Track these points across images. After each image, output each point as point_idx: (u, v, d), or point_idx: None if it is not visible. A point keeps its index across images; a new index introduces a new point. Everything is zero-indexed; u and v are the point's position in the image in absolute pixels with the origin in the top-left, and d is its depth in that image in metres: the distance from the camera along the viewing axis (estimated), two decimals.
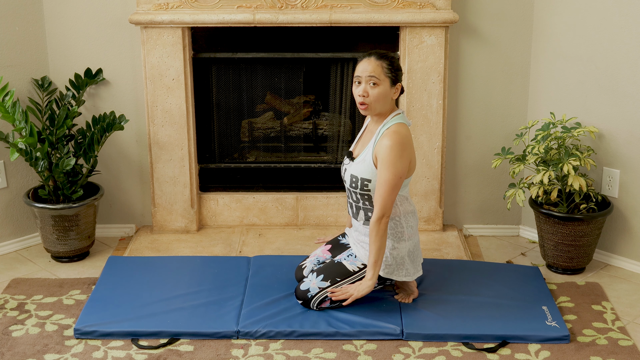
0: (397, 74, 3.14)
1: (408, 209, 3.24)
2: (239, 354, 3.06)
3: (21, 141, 3.64)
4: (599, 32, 3.67)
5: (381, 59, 3.11)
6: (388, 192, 3.07)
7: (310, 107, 4.28)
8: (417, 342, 3.13)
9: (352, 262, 3.24)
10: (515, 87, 4.00)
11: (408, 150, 3.11)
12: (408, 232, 3.23)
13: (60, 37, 3.96)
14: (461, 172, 4.15)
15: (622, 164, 3.74)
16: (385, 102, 3.14)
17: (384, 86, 3.11)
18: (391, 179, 3.07)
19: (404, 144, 3.10)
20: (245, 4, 3.80)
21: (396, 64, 3.14)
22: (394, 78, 3.13)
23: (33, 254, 4.02)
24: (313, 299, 3.24)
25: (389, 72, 3.11)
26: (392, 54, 3.17)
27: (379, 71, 3.10)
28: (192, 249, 3.98)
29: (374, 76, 3.09)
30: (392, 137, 3.08)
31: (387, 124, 3.15)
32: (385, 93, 3.12)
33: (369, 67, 3.10)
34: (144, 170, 4.16)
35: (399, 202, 3.20)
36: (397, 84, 3.14)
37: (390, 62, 3.12)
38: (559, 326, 3.18)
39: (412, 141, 3.19)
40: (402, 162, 3.08)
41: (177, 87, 3.93)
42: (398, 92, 3.16)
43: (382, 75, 3.10)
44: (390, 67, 3.11)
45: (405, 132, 3.13)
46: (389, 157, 3.07)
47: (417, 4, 3.78)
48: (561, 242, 3.68)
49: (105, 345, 3.12)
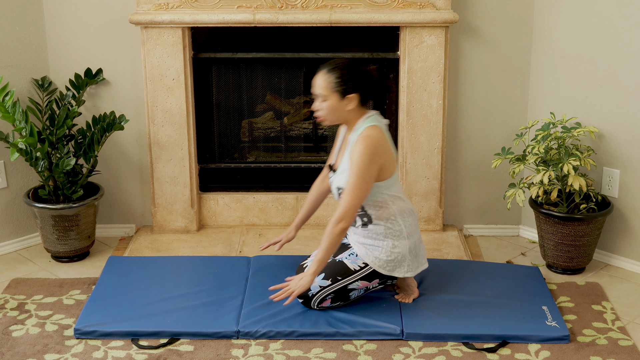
0: (349, 85, 3.07)
1: (403, 207, 3.23)
2: (239, 354, 3.06)
3: (21, 141, 3.64)
4: (599, 32, 3.67)
5: (330, 73, 3.08)
6: (353, 196, 3.05)
7: (310, 107, 4.27)
8: (417, 342, 3.13)
9: (353, 260, 3.24)
10: (515, 87, 4.00)
11: (379, 154, 3.08)
12: (407, 230, 3.23)
13: (60, 37, 3.96)
14: (461, 172, 4.15)
15: (622, 164, 3.74)
16: (339, 114, 3.12)
17: (332, 100, 3.09)
18: (358, 184, 3.05)
19: (375, 148, 3.06)
20: (245, 4, 3.80)
21: (348, 75, 3.07)
22: (345, 90, 3.08)
23: (33, 254, 4.02)
24: (314, 298, 3.24)
25: (338, 85, 3.07)
26: (344, 64, 3.09)
27: (324, 86, 3.08)
28: (192, 249, 3.98)
29: (321, 92, 3.10)
30: (363, 142, 3.06)
31: (358, 129, 3.13)
32: (334, 107, 3.10)
33: (316, 82, 3.11)
34: (144, 170, 4.16)
35: (391, 202, 3.19)
36: (349, 95, 3.09)
37: (340, 74, 3.07)
38: (559, 326, 3.18)
39: (386, 141, 3.14)
40: (371, 168, 3.06)
41: (177, 87, 3.93)
42: (353, 102, 3.09)
43: (328, 90, 3.08)
44: (339, 79, 3.06)
45: (376, 134, 3.09)
46: (358, 163, 3.05)
47: (417, 4, 3.78)
48: (561, 242, 3.68)
49: (106, 345, 3.12)
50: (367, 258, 3.22)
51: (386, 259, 3.21)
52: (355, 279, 3.23)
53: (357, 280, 3.23)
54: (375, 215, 3.19)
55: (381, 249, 3.21)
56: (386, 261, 3.21)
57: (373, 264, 3.21)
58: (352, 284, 3.24)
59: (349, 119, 3.15)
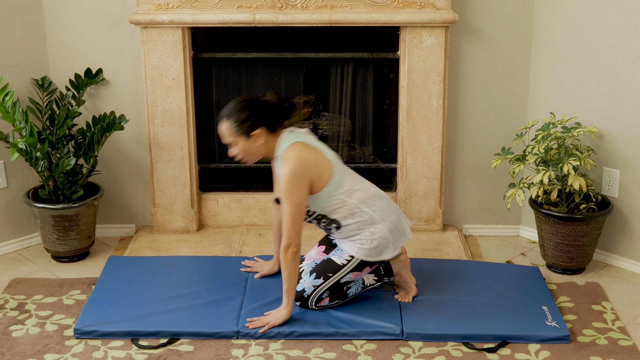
0: (249, 125, 3.09)
1: (363, 195, 3.21)
2: (239, 354, 3.06)
3: (21, 141, 3.64)
4: (599, 32, 3.67)
5: (228, 120, 3.11)
6: (291, 222, 3.07)
7: (310, 107, 4.27)
8: (417, 342, 3.13)
9: (340, 255, 3.25)
10: (515, 87, 4.00)
11: (304, 171, 3.07)
12: (378, 214, 3.21)
13: (60, 37, 3.96)
14: (461, 172, 4.15)
15: (622, 164, 3.74)
16: (255, 151, 3.15)
17: (242, 143, 3.13)
18: (291, 209, 3.07)
19: (297, 169, 3.06)
20: (245, 4, 3.80)
21: (244, 116, 3.09)
22: (247, 131, 3.10)
23: (33, 254, 4.02)
24: (310, 298, 3.25)
25: (238, 129, 3.10)
26: (239, 107, 3.10)
27: (228, 133, 3.13)
28: (192, 249, 3.98)
29: (228, 140, 3.14)
30: (285, 168, 3.08)
31: (279, 156, 3.14)
32: (246, 147, 3.13)
33: (221, 133, 3.16)
34: (144, 170, 4.16)
35: (347, 197, 3.17)
36: (254, 132, 3.10)
37: (237, 118, 3.10)
38: (559, 326, 3.18)
39: (310, 151, 3.12)
40: (298, 190, 3.06)
41: (177, 87, 3.93)
42: (261, 136, 3.11)
43: (233, 136, 3.12)
44: (237, 123, 3.09)
45: (295, 152, 3.09)
46: (285, 189, 3.07)
47: (417, 4, 3.78)
48: (561, 242, 3.68)
49: (105, 345, 3.12)
50: (351, 251, 3.23)
51: (369, 247, 3.21)
52: (346, 272, 3.23)
53: (348, 272, 3.24)
54: (341, 217, 3.20)
55: (362, 240, 3.21)
56: (370, 249, 3.21)
57: (358, 255, 3.21)
58: (343, 278, 3.24)
59: (267, 151, 3.18)
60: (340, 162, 3.26)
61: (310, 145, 3.16)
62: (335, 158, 3.22)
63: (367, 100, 4.16)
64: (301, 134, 3.20)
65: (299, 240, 3.10)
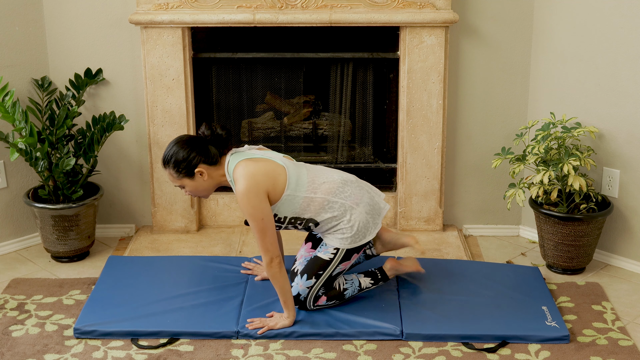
0: (187, 166, 3.09)
1: (330, 187, 3.18)
2: (239, 354, 3.06)
3: (21, 141, 3.64)
4: (599, 32, 3.67)
5: (167, 167, 3.13)
6: (261, 237, 3.07)
7: (310, 107, 4.27)
8: (417, 342, 3.13)
9: (325, 251, 3.23)
10: (515, 87, 4.00)
11: (257, 186, 3.05)
12: (350, 200, 3.19)
13: (60, 37, 3.96)
14: (461, 172, 4.15)
15: (622, 164, 3.74)
16: (205, 187, 3.15)
17: (189, 184, 3.14)
18: (257, 226, 3.06)
19: (248, 186, 3.04)
20: (245, 4, 3.80)
21: (179, 160, 3.08)
22: (187, 172, 3.10)
23: (33, 254, 4.02)
24: (306, 301, 3.24)
25: (179, 173, 3.11)
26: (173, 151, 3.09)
27: (173, 179, 3.15)
28: (192, 249, 3.98)
29: (176, 184, 3.16)
30: (237, 189, 3.07)
31: (232, 182, 3.14)
32: (195, 186, 3.15)
33: (169, 178, 3.18)
34: (144, 170, 4.16)
35: (312, 193, 3.15)
36: (195, 171, 3.10)
37: (174, 163, 3.10)
38: (559, 326, 3.18)
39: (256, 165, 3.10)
40: (257, 206, 3.05)
41: (177, 87, 3.93)
42: (205, 172, 3.10)
43: (178, 180, 3.14)
44: (175, 168, 3.10)
45: (243, 171, 3.07)
46: (244, 208, 3.06)
47: (417, 4, 3.78)
48: (561, 242, 3.68)
49: (105, 345, 3.12)
50: (334, 243, 3.21)
51: (350, 235, 3.19)
52: (335, 265, 3.23)
53: (337, 265, 3.23)
54: (314, 214, 3.18)
55: (342, 229, 3.19)
56: (352, 236, 3.19)
57: (342, 245, 3.20)
58: (334, 271, 3.24)
59: (218, 182, 3.17)
60: (293, 162, 3.23)
61: (255, 158, 3.14)
62: (286, 160, 3.21)
63: (367, 100, 4.16)
64: (242, 152, 3.18)
65: (277, 251, 3.09)
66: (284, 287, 3.14)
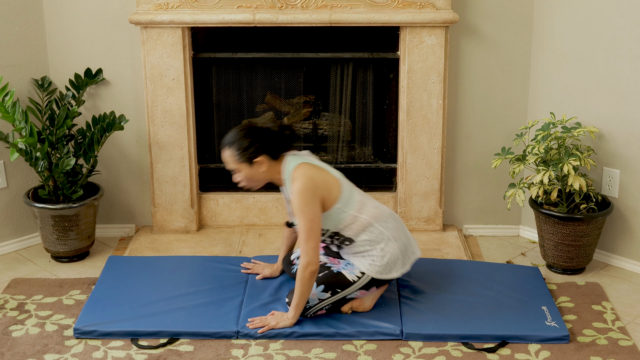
0: (251, 152, 3.11)
1: (376, 213, 3.21)
2: (239, 354, 3.06)
3: (21, 141, 3.64)
4: (599, 32, 3.67)
5: (230, 148, 3.13)
6: (306, 238, 3.07)
7: (310, 107, 4.27)
8: (417, 342, 3.13)
9: (351, 270, 3.22)
10: (515, 87, 4.00)
11: (314, 189, 3.07)
12: (390, 233, 3.21)
13: (60, 37, 3.96)
14: (461, 172, 4.15)
15: (622, 164, 3.74)
16: (258, 177, 3.16)
17: (244, 170, 3.14)
18: (306, 225, 3.06)
19: (306, 187, 3.07)
20: (245, 4, 3.80)
21: (245, 144, 3.10)
22: (249, 158, 3.11)
23: (33, 254, 4.02)
24: (311, 309, 3.22)
25: (240, 156, 3.12)
26: (241, 134, 3.12)
27: (231, 161, 3.15)
28: (192, 249, 3.98)
29: (231, 167, 3.16)
30: (294, 189, 3.08)
31: (286, 181, 3.15)
32: (249, 174, 3.15)
33: (224, 160, 3.17)
34: (144, 170, 4.16)
35: (358, 213, 3.17)
36: (256, 159, 3.11)
37: (238, 145, 3.11)
38: (559, 326, 3.18)
39: (315, 171, 3.13)
40: (310, 206, 3.06)
41: (177, 87, 3.94)
42: (264, 164, 3.12)
43: (235, 163, 3.14)
44: (238, 151, 3.11)
45: (302, 172, 3.10)
46: (297, 206, 3.07)
47: (417, 4, 3.78)
48: (561, 242, 3.68)
49: (105, 345, 3.12)
50: (362, 266, 3.20)
51: (380, 264, 3.20)
52: (355, 289, 3.21)
53: (357, 290, 3.22)
54: (353, 233, 3.19)
55: (373, 256, 3.20)
56: (381, 265, 3.20)
57: (369, 271, 3.20)
58: (351, 294, 3.22)
59: (271, 177, 3.19)
60: (347, 180, 3.26)
61: (315, 164, 3.17)
62: (341, 176, 3.23)
63: (367, 100, 4.16)
64: (304, 156, 3.21)
65: (317, 259, 3.08)
66: (305, 294, 3.12)
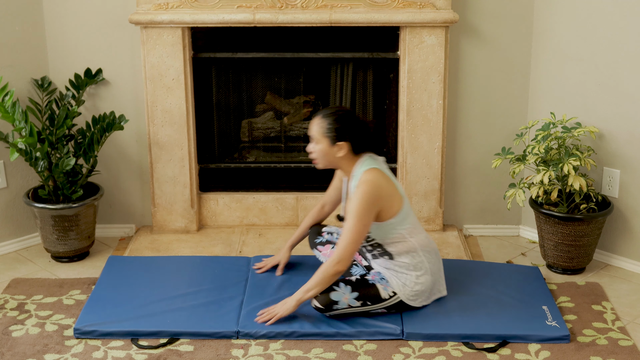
0: (340, 133, 3.11)
1: (425, 243, 3.24)
2: (239, 354, 3.06)
3: (21, 141, 3.64)
4: (599, 32, 3.67)
5: (324, 118, 3.14)
6: (350, 240, 3.07)
7: (310, 107, 4.27)
8: (417, 342, 3.13)
9: (385, 287, 3.21)
10: (515, 87, 4.00)
11: (378, 198, 3.09)
12: (429, 265, 3.24)
13: (60, 37, 3.96)
14: (461, 172, 4.15)
15: (622, 164, 3.74)
16: (330, 159, 3.17)
17: (322, 145, 3.15)
18: (355, 228, 3.06)
19: (373, 193, 3.08)
20: (245, 4, 3.80)
21: (340, 124, 3.11)
22: (335, 137, 3.12)
23: (33, 254, 4.02)
24: (337, 312, 3.18)
25: (329, 131, 3.12)
26: (340, 113, 3.14)
27: (316, 130, 3.15)
28: (192, 249, 3.98)
29: (313, 135, 3.16)
30: (361, 188, 3.09)
31: (355, 176, 3.15)
32: (324, 151, 3.15)
33: (311, 125, 3.18)
34: (144, 170, 4.16)
35: (408, 235, 3.20)
36: (339, 143, 3.12)
37: (333, 121, 3.12)
38: (559, 326, 3.18)
39: (386, 181, 3.14)
40: (369, 212, 3.07)
41: (177, 87, 3.93)
42: (344, 150, 3.13)
43: (319, 134, 3.14)
44: (330, 126, 3.12)
45: (373, 178, 3.10)
46: (355, 207, 3.07)
47: (417, 4, 3.78)
48: (561, 242, 3.68)
49: (105, 345, 3.12)
50: (396, 286, 3.21)
51: (411, 289, 3.22)
52: (382, 307, 3.21)
53: (384, 308, 3.22)
54: (396, 251, 3.21)
55: (407, 280, 3.21)
56: (412, 291, 3.22)
57: (401, 293, 3.20)
58: (377, 310, 3.22)
59: (342, 166, 3.20)
60: (408, 200, 3.28)
61: (386, 175, 3.18)
62: (404, 194, 3.24)
63: (367, 100, 4.16)
64: (379, 162, 3.22)
65: (349, 263, 3.08)
66: (320, 285, 3.10)
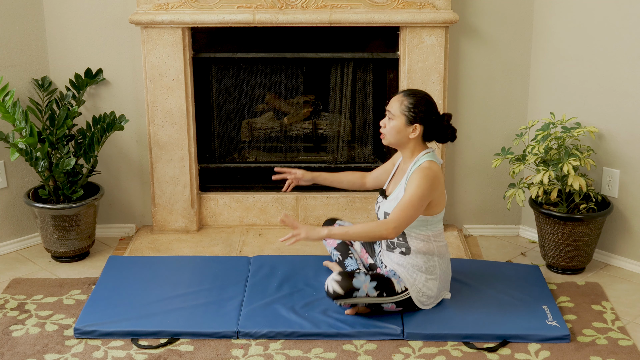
0: (419, 115, 3.14)
1: (443, 250, 3.27)
2: (239, 354, 3.06)
3: (21, 141, 3.64)
4: (599, 32, 3.67)
5: (406, 97, 3.17)
6: (405, 207, 3.09)
7: (310, 107, 4.28)
8: (417, 342, 3.13)
9: (398, 281, 3.23)
10: (515, 87, 4.00)
11: (435, 187, 3.14)
12: (440, 273, 3.26)
13: (60, 37, 3.96)
14: (461, 172, 4.15)
15: (622, 164, 3.74)
16: (399, 137, 3.18)
17: (397, 122, 3.17)
18: (412, 198, 3.09)
19: (433, 181, 3.13)
20: (245, 4, 3.80)
21: (421, 107, 3.14)
22: (412, 117, 3.15)
23: (33, 254, 4.02)
24: (350, 297, 3.13)
25: (407, 110, 3.15)
26: (424, 97, 3.17)
27: (396, 106, 3.17)
28: (192, 249, 3.98)
29: (391, 110, 3.18)
30: (423, 171, 3.13)
31: (417, 161, 3.18)
32: (397, 128, 3.17)
33: (392, 100, 3.20)
34: (144, 170, 4.16)
35: (434, 238, 3.23)
36: (414, 124, 3.15)
37: (415, 102, 3.15)
38: (560, 326, 3.18)
39: (443, 180, 3.21)
40: (428, 195, 3.11)
41: (177, 87, 3.94)
42: (416, 132, 3.16)
43: (397, 111, 3.16)
44: (411, 106, 3.14)
45: (436, 169, 3.16)
46: (417, 182, 3.11)
47: (417, 4, 3.78)
48: (561, 242, 3.68)
49: (105, 345, 3.12)
50: (407, 282, 3.22)
51: (419, 289, 3.23)
52: (394, 300, 3.21)
53: (394, 302, 3.22)
54: (415, 248, 3.22)
55: (417, 278, 3.23)
56: (419, 291, 3.23)
57: (411, 290, 3.21)
58: (386, 304, 3.21)
59: (408, 148, 3.22)
60: None
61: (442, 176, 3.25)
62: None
63: (367, 100, 4.16)
64: (440, 162, 3.26)
65: (398, 233, 3.10)
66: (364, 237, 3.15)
